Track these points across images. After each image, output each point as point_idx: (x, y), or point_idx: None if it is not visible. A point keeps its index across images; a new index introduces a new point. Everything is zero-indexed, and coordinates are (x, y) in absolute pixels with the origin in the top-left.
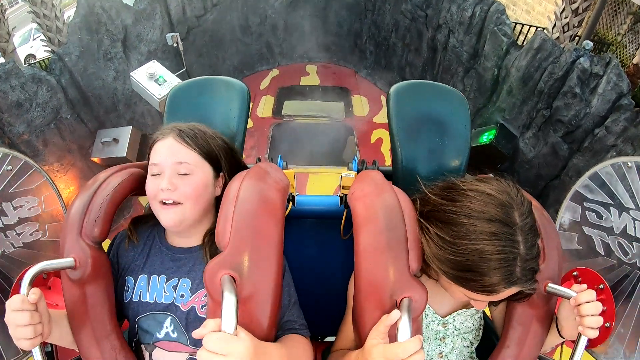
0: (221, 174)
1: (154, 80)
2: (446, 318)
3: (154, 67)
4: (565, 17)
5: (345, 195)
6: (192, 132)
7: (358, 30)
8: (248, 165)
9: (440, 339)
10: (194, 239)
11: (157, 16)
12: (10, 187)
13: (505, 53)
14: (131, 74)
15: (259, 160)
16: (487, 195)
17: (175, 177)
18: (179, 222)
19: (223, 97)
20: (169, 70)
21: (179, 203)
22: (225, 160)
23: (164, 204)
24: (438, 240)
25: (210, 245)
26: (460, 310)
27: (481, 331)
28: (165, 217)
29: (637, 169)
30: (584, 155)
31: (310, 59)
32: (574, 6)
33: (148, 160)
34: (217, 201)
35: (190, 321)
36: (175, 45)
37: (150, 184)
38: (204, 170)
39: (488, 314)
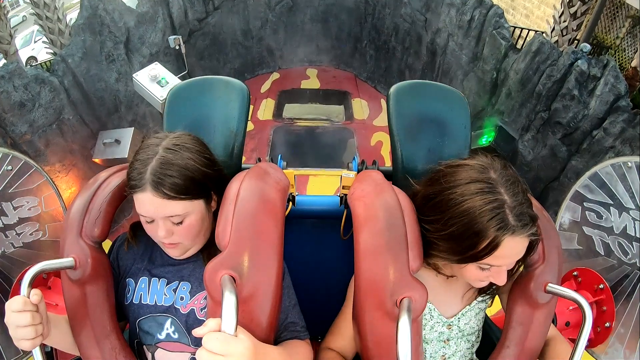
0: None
1: (156, 82)
2: (451, 319)
3: (156, 69)
4: (564, 21)
5: (345, 195)
6: (170, 179)
7: (358, 34)
8: (248, 166)
9: (444, 341)
10: (194, 248)
11: (159, 19)
12: (10, 187)
13: (504, 56)
14: (134, 75)
15: (259, 160)
16: (462, 166)
17: (170, 225)
18: (184, 253)
19: (223, 97)
20: (171, 72)
21: (181, 242)
22: (212, 183)
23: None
24: (433, 225)
25: (209, 250)
26: (465, 310)
27: (481, 332)
28: (170, 252)
29: (637, 169)
30: (583, 156)
31: (310, 62)
32: (573, 10)
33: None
34: (216, 211)
35: (190, 323)
36: (177, 47)
37: (147, 228)
38: (195, 210)
39: (489, 314)
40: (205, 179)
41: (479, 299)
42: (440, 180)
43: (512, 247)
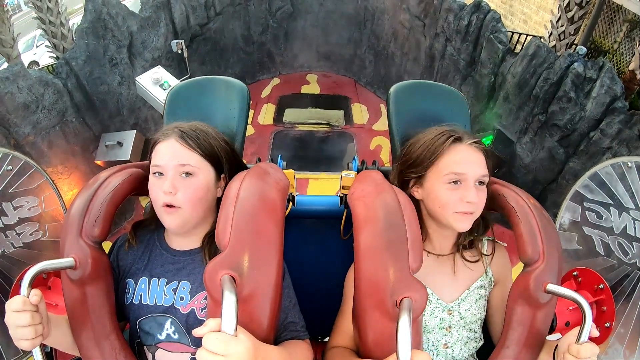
0: (223, 175)
1: (159, 85)
2: (451, 304)
3: (159, 72)
4: (562, 26)
5: (345, 195)
6: (194, 133)
7: (357, 39)
8: (248, 166)
9: (446, 329)
10: (194, 241)
11: (161, 24)
12: (10, 187)
13: (501, 60)
14: (136, 78)
15: (259, 160)
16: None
17: (178, 179)
18: (181, 225)
19: (223, 97)
20: (173, 76)
21: (181, 207)
22: (227, 162)
23: (167, 206)
24: (406, 164)
25: (209, 247)
26: (464, 295)
27: (482, 326)
28: (168, 220)
29: (637, 169)
30: (580, 158)
31: (310, 68)
32: (570, 14)
33: (149, 161)
34: (219, 202)
35: (190, 323)
36: (179, 51)
37: (153, 187)
38: (205, 172)
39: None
40: (222, 152)
41: (477, 283)
42: (412, 138)
43: (465, 153)
